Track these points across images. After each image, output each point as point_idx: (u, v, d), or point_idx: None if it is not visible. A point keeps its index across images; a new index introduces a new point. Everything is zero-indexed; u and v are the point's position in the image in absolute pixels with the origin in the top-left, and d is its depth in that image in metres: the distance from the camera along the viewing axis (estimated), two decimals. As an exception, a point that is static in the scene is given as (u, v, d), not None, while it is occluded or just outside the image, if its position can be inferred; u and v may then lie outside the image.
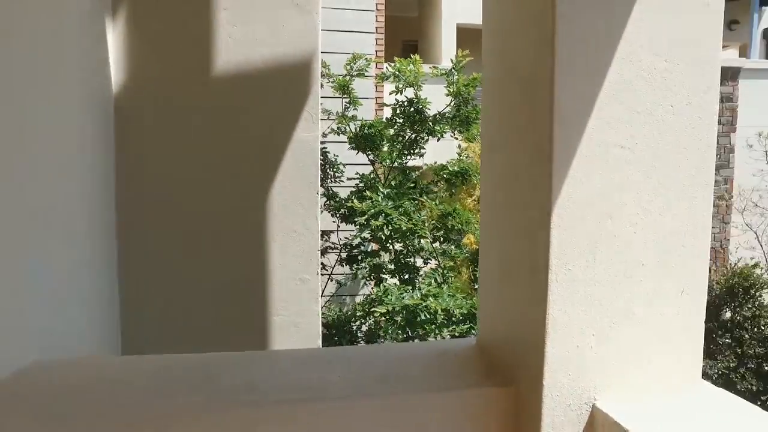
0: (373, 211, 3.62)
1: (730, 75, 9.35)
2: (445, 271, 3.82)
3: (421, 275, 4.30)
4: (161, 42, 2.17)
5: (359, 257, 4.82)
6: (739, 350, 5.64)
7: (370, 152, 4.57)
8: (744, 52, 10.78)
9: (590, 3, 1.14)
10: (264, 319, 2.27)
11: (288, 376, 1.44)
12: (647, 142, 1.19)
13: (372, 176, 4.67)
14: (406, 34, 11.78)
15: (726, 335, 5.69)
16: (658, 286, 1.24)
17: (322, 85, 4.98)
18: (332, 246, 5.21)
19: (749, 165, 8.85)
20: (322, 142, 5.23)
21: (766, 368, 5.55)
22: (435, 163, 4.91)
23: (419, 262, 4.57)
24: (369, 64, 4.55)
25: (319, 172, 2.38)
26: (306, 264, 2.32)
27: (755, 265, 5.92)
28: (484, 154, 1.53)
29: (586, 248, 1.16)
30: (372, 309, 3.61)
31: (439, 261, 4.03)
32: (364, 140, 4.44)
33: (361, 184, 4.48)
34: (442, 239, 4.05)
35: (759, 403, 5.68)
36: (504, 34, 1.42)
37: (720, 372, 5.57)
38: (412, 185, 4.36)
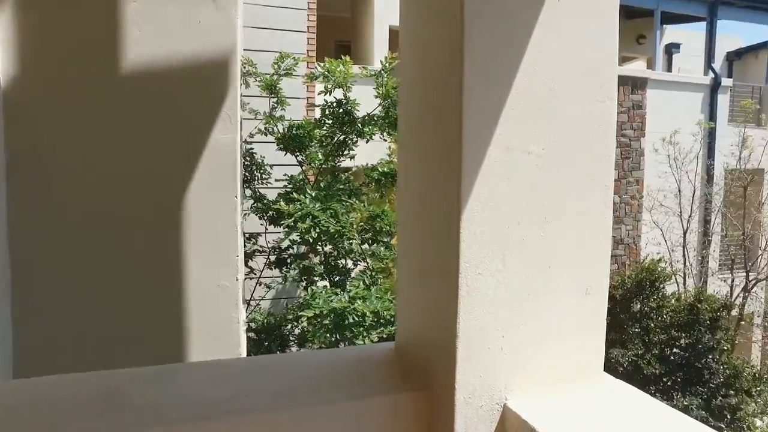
0: (300, 213, 3.55)
1: (639, 85, 10.09)
2: (374, 273, 3.82)
3: (351, 277, 4.28)
4: (60, 34, 2.01)
5: (288, 260, 4.72)
6: (646, 338, 6.08)
7: (298, 153, 4.49)
8: (651, 65, 11.67)
9: (498, 12, 1.16)
10: (179, 330, 2.15)
11: (202, 390, 1.36)
12: (553, 148, 1.22)
13: (301, 178, 4.59)
14: (339, 34, 11.72)
15: (635, 325, 6.12)
16: (565, 287, 1.28)
17: (248, 84, 4.85)
18: (260, 249, 5.07)
19: (655, 167, 9.59)
20: (248, 143, 5.10)
21: (667, 353, 6.03)
22: (366, 164, 4.91)
23: (350, 264, 4.55)
24: (297, 64, 4.46)
25: (239, 175, 2.30)
26: (224, 270, 2.22)
27: (660, 260, 6.41)
28: (400, 154, 1.53)
29: (496, 252, 1.18)
30: (300, 314, 3.54)
31: (368, 263, 4.02)
32: (293, 141, 4.36)
33: (290, 186, 4.39)
34: (370, 241, 4.05)
35: (661, 384, 6.16)
36: (418, 38, 1.43)
37: (630, 359, 5.97)
38: (341, 187, 4.33)
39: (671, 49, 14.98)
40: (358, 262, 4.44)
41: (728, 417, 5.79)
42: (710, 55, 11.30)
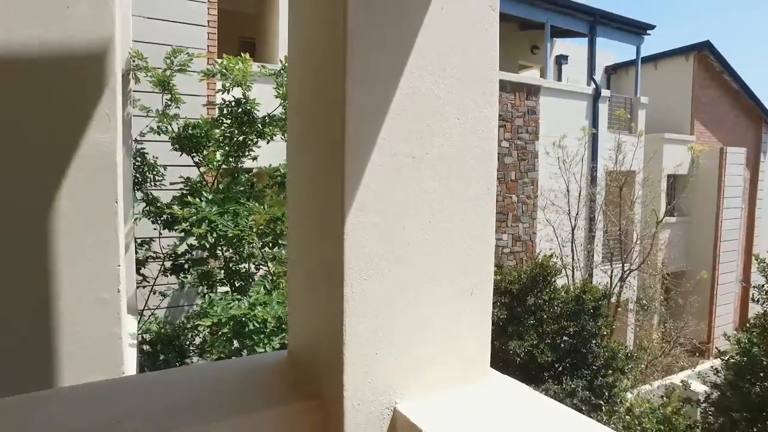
0: (195, 217, 3.36)
1: (533, 91, 10.80)
2: (275, 277, 3.72)
3: (254, 282, 4.13)
4: None
5: (186, 266, 4.47)
6: (540, 329, 6.52)
7: (195, 154, 4.25)
8: (544, 74, 12.56)
9: (381, 17, 1.16)
10: (50, 352, 1.93)
11: (76, 418, 1.23)
12: (437, 153, 1.25)
13: (198, 180, 4.35)
14: (243, 30, 11.31)
15: (531, 317, 6.54)
16: (451, 289, 1.31)
17: (138, 80, 4.51)
18: (155, 255, 4.75)
19: (547, 169, 10.33)
20: (139, 142, 4.75)
21: (558, 341, 6.51)
22: (269, 165, 4.77)
23: (252, 268, 4.40)
24: (191, 59, 4.21)
25: (120, 177, 2.12)
26: (104, 281, 2.04)
27: (551, 256, 6.90)
28: (289, 156, 1.49)
29: (382, 256, 1.18)
30: (197, 323, 3.35)
31: (269, 267, 3.91)
32: (189, 141, 4.11)
33: (186, 189, 4.14)
34: (271, 244, 3.93)
35: (553, 370, 6.64)
36: (304, 40, 1.39)
37: (526, 350, 6.38)
38: (241, 189, 4.16)
39: (561, 60, 16.26)
40: (261, 267, 4.31)
41: (606, 394, 6.37)
42: (592, 68, 12.38)
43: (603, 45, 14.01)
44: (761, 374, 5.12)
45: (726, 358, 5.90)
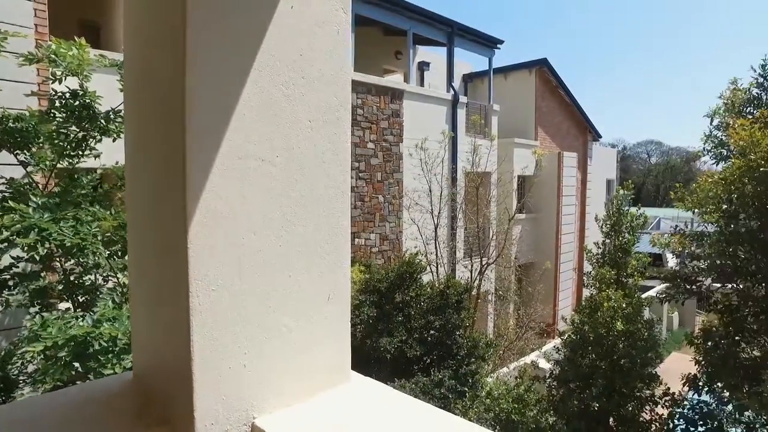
0: (19, 226, 2.89)
1: (397, 95, 11.22)
2: (126, 289, 3.36)
3: (102, 294, 3.69)
4: None
5: (11, 282, 3.86)
6: (408, 325, 6.79)
7: (19, 152, 3.67)
8: (407, 78, 13.12)
9: (224, 11, 1.08)
10: None
11: None
12: (288, 155, 1.21)
13: (25, 182, 3.77)
14: (86, 12, 10.10)
15: (399, 314, 6.78)
16: (307, 295, 1.28)
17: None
18: (-32, 272, 4.02)
19: (411, 170, 10.80)
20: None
21: (425, 335, 6.84)
22: (117, 163, 4.30)
23: (100, 280, 3.94)
24: (6, 38, 3.59)
25: None
26: None
27: (417, 254, 7.22)
28: (127, 159, 1.35)
29: (231, 265, 1.11)
30: (26, 349, 2.89)
31: (118, 278, 3.52)
32: (10, 136, 3.54)
33: (9, 192, 3.56)
34: (120, 252, 3.55)
35: (422, 363, 6.97)
36: (141, 33, 1.27)
37: (396, 346, 6.59)
38: (83, 192, 3.70)
39: (423, 66, 17.14)
40: (109, 278, 3.87)
41: (470, 381, 6.84)
42: (450, 76, 13.24)
43: (462, 55, 15.08)
44: (589, 348, 5.91)
45: (564, 337, 6.69)
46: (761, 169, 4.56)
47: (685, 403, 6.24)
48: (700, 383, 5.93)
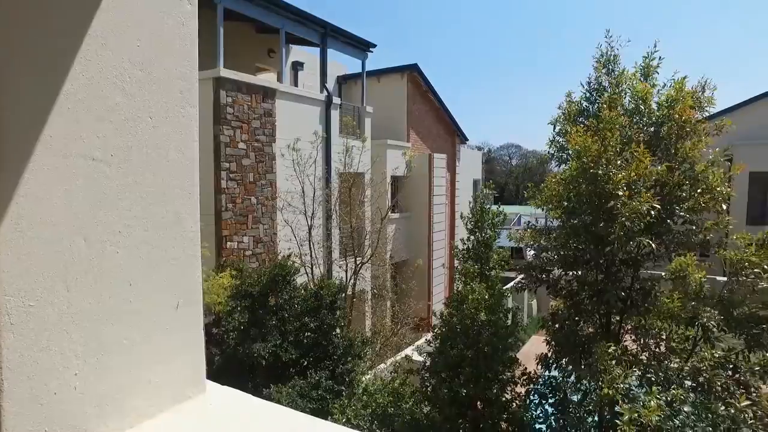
0: None
1: (269, 94, 10.95)
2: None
3: None
4: None
5: None
6: (283, 328, 6.66)
7: None
8: (280, 78, 12.86)
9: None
10: None
11: None
12: (126, 155, 1.11)
13: None
14: None
15: (273, 318, 6.62)
16: (153, 304, 1.19)
17: None
18: None
19: (284, 171, 10.61)
20: None
21: (301, 338, 6.77)
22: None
23: None
24: None
25: None
26: None
27: (289, 256, 7.12)
28: None
29: (55, 276, 0.99)
30: None
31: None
32: None
33: None
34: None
35: (299, 366, 6.90)
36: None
37: (270, 350, 6.43)
38: None
39: (297, 66, 16.93)
40: None
41: (347, 380, 6.92)
42: (324, 76, 13.26)
43: (336, 56, 15.16)
44: (457, 338, 6.32)
45: (436, 330, 7.06)
46: (590, 170, 5.27)
47: (539, 379, 6.94)
48: (550, 361, 6.66)
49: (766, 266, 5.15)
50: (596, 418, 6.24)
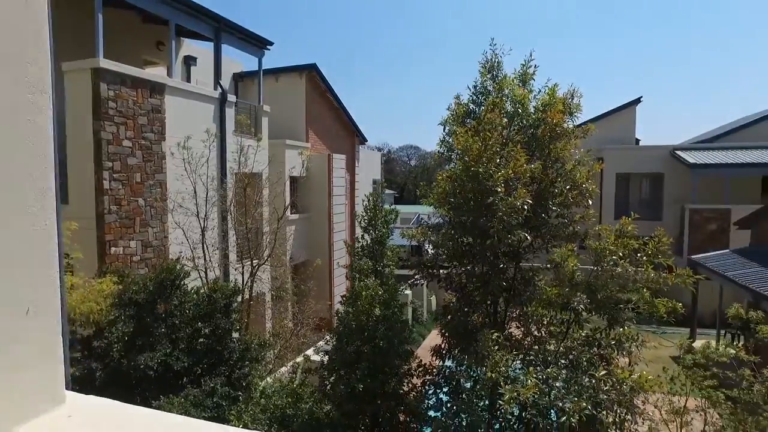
0: None
1: (158, 89, 10.31)
2: None
3: None
4: None
5: None
6: (173, 336, 6.33)
7: None
8: (170, 72, 12.10)
9: None
10: None
11: None
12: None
13: None
14: None
15: (162, 326, 6.27)
16: (-2, 310, 1.11)
17: None
18: None
19: (174, 171, 10.06)
20: None
21: (194, 344, 6.48)
22: None
23: None
24: None
25: None
26: None
27: (178, 259, 6.77)
28: None
29: None
30: None
31: None
32: None
33: None
34: None
35: (192, 374, 6.59)
36: None
37: (159, 360, 6.08)
38: None
39: (189, 61, 16.08)
40: None
41: (244, 384, 6.74)
42: (218, 73, 12.74)
43: (233, 53, 14.61)
44: (353, 335, 6.43)
45: (334, 328, 7.12)
46: (472, 169, 5.65)
47: (435, 370, 7.27)
48: (444, 351, 7.01)
49: (621, 253, 5.85)
50: (487, 402, 6.68)
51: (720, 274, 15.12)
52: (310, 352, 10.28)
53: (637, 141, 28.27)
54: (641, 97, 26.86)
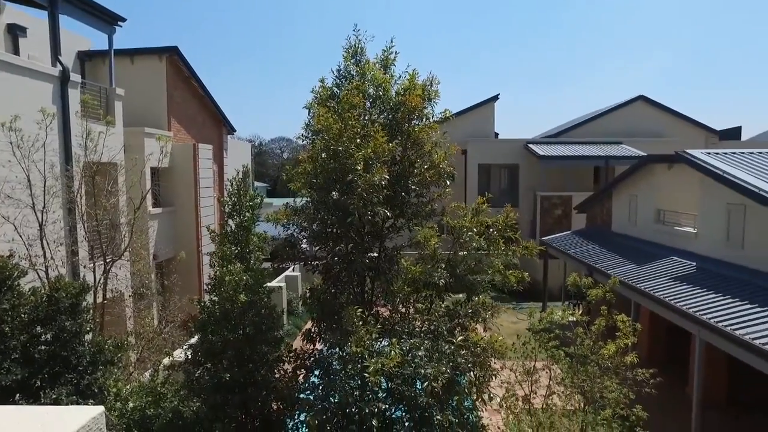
0: None
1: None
2: None
3: None
4: None
5: None
6: (3, 345, 5.52)
7: None
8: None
9: None
10: None
11: None
12: None
13: None
14: None
15: (-13, 332, 5.43)
16: None
17: None
18: None
19: None
20: None
21: (32, 352, 5.72)
22: None
23: None
24: None
25: None
26: None
27: (11, 256, 5.91)
28: None
29: None
30: None
31: None
32: None
33: None
34: None
35: (29, 388, 5.81)
36: None
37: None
38: None
39: (16, 30, 13.98)
40: None
41: (95, 391, 6.11)
42: (57, 48, 11.23)
43: (78, 28, 12.98)
44: (219, 324, 6.16)
45: (198, 318, 6.73)
46: (332, 147, 5.72)
47: (306, 355, 7.24)
48: (313, 335, 7.01)
49: (475, 229, 6.32)
50: (359, 382, 6.83)
51: (563, 252, 17.27)
52: (178, 352, 9.65)
53: (497, 135, 30.84)
54: (498, 94, 29.36)
